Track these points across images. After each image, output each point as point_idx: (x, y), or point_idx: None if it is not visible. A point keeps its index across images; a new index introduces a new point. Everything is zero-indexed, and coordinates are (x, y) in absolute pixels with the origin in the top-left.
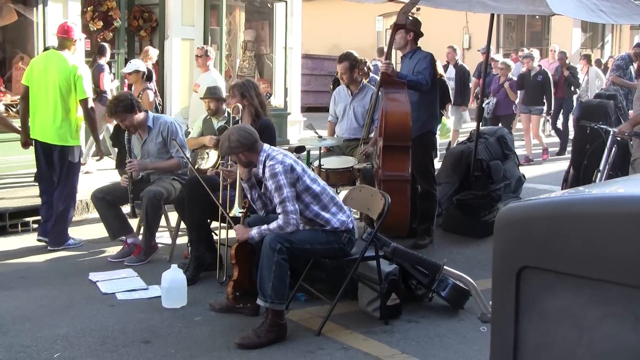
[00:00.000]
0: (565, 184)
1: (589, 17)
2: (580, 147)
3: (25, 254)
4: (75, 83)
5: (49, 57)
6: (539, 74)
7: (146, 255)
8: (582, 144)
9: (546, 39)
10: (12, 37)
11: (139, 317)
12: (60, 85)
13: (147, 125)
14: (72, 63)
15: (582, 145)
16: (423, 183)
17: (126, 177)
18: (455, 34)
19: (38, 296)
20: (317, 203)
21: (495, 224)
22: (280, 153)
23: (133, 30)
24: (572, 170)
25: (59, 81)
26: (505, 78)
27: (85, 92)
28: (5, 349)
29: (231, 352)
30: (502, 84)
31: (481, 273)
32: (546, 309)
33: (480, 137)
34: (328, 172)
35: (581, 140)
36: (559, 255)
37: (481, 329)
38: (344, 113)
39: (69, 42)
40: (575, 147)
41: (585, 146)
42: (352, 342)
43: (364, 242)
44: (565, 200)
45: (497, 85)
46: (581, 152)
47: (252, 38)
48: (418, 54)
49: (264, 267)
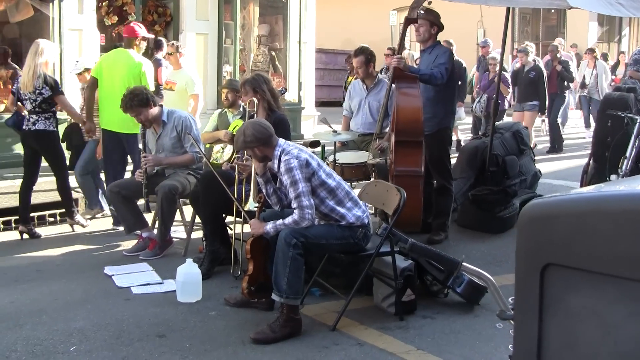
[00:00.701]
0: (586, 175)
1: (606, 11)
2: (602, 139)
3: (42, 247)
4: (140, 77)
5: (117, 54)
6: (532, 70)
7: (161, 250)
8: (604, 136)
9: (562, 33)
10: (28, 32)
11: (154, 311)
12: (127, 79)
13: (162, 120)
14: (137, 60)
15: (604, 138)
16: (439, 178)
17: (141, 171)
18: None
19: (54, 289)
20: (333, 198)
21: (518, 220)
22: (296, 148)
23: (148, 25)
24: (593, 162)
25: (126, 76)
26: (495, 73)
27: (149, 86)
28: (22, 342)
29: (246, 346)
30: (493, 79)
31: (497, 269)
32: (570, 307)
33: (495, 132)
34: (343, 166)
35: (602, 132)
36: (584, 252)
37: (497, 326)
38: (359, 107)
39: (134, 41)
40: (596, 139)
41: (607, 138)
42: (367, 337)
43: (379, 238)
44: (590, 197)
45: (488, 81)
46: (602, 144)
47: (266, 32)
48: (437, 49)
49: (279, 262)
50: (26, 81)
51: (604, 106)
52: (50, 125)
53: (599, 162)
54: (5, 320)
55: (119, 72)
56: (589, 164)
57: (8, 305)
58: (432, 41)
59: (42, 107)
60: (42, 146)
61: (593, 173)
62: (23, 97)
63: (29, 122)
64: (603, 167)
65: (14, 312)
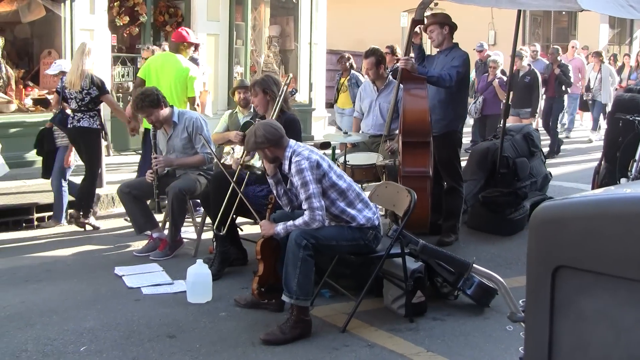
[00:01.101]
0: (597, 175)
1: (618, 13)
2: (613, 140)
3: (52, 248)
4: (187, 82)
5: (166, 58)
6: (527, 75)
7: (171, 250)
8: (615, 137)
9: (573, 35)
10: (40, 32)
11: (164, 311)
12: (174, 83)
13: (173, 121)
14: (185, 65)
15: (615, 139)
16: (449, 180)
17: (152, 172)
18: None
19: (64, 289)
20: (343, 199)
21: (529, 223)
22: (307, 149)
23: (159, 25)
24: (605, 163)
25: (173, 80)
26: (494, 76)
27: (194, 91)
28: (32, 342)
29: (256, 347)
30: (491, 81)
31: (507, 271)
32: (582, 309)
33: (506, 134)
34: (353, 168)
35: (613, 133)
36: (596, 255)
37: (507, 328)
38: (370, 109)
39: (183, 46)
40: (607, 140)
41: (618, 139)
42: (377, 339)
43: (389, 239)
44: (602, 199)
45: (485, 83)
46: (613, 145)
47: (277, 33)
48: (455, 52)
49: (289, 263)
50: (73, 80)
51: (615, 108)
52: (94, 123)
53: (610, 162)
54: (16, 320)
55: (166, 75)
56: (601, 164)
57: (18, 305)
58: (448, 43)
59: (88, 106)
60: (85, 142)
61: (605, 173)
62: (68, 96)
63: (73, 119)
64: (615, 168)
65: (24, 312)
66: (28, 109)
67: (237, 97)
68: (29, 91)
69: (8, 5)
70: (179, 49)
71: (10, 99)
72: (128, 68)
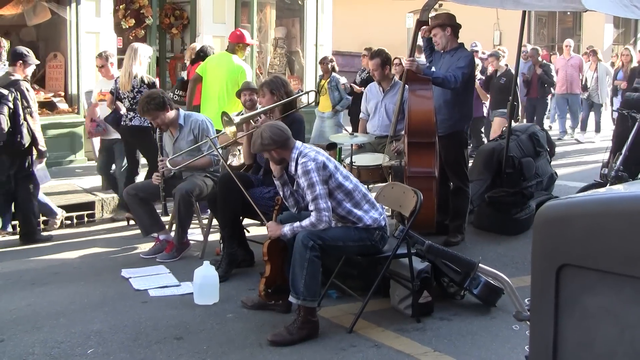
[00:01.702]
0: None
1: (622, 13)
2: (625, 138)
3: (59, 250)
4: (238, 80)
5: (221, 57)
6: (502, 76)
7: (178, 252)
8: (626, 136)
9: (577, 35)
10: (45, 35)
11: (171, 313)
12: (226, 81)
13: (179, 123)
14: (237, 63)
15: (626, 137)
16: (455, 180)
17: (158, 175)
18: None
19: (71, 292)
20: (350, 200)
21: (534, 221)
22: (313, 150)
23: (165, 27)
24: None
25: (225, 78)
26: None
27: None
28: (40, 344)
29: (263, 349)
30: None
31: (513, 271)
32: (587, 307)
33: (511, 134)
34: (359, 169)
35: (625, 131)
36: (600, 253)
37: (514, 327)
38: (376, 110)
39: (239, 47)
40: (617, 138)
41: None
42: (384, 339)
43: (396, 240)
44: (606, 198)
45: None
46: (623, 143)
47: (282, 35)
48: (460, 52)
49: (296, 264)
50: (124, 82)
51: (624, 106)
52: (145, 121)
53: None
54: (23, 323)
55: (220, 73)
56: (609, 161)
57: (25, 308)
58: (452, 43)
59: None
60: (137, 140)
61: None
62: (122, 96)
63: (126, 118)
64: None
65: (31, 315)
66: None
67: (242, 98)
68: (35, 94)
69: (13, 8)
70: (235, 49)
71: None
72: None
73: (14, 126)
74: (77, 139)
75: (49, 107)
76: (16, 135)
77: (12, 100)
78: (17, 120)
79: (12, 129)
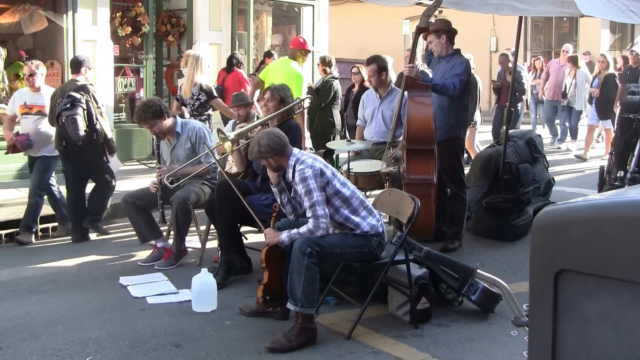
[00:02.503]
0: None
1: (619, 18)
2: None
3: (57, 258)
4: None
5: (281, 63)
6: None
7: (176, 259)
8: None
9: (574, 41)
10: (42, 43)
11: (169, 321)
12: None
13: (176, 131)
14: (293, 68)
15: (629, 139)
16: (452, 186)
17: (155, 183)
18: (483, 36)
19: (69, 300)
20: (347, 207)
21: (532, 226)
22: (310, 157)
23: (161, 35)
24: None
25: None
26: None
27: (300, 92)
28: (38, 352)
29: (261, 356)
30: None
31: (511, 277)
32: (585, 312)
33: (509, 140)
34: (357, 175)
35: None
36: (598, 258)
37: (512, 333)
38: (373, 116)
39: (300, 53)
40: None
41: (632, 139)
42: (382, 346)
43: (393, 246)
44: (604, 203)
45: None
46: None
47: (279, 42)
48: (456, 59)
49: (294, 271)
50: (185, 89)
51: (626, 110)
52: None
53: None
54: (21, 330)
55: (276, 79)
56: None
57: (23, 316)
58: (448, 50)
59: (198, 111)
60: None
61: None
62: (186, 102)
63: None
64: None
65: (29, 323)
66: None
67: (235, 112)
68: None
69: (10, 16)
70: (296, 55)
71: None
72: (130, 79)
73: (90, 126)
74: None
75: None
76: (92, 134)
77: (85, 102)
78: (92, 121)
79: (88, 129)
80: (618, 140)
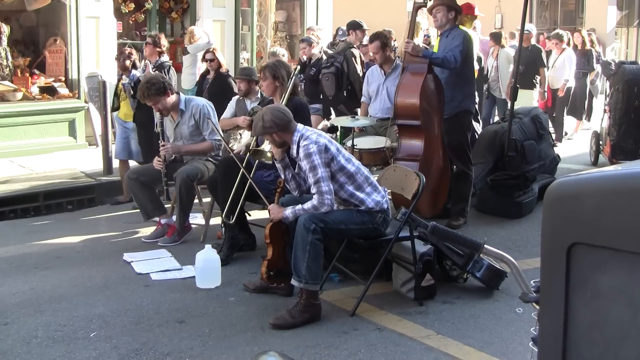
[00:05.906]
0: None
1: None
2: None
3: (61, 235)
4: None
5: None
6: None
7: (180, 236)
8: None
9: (580, 18)
10: (45, 20)
11: (173, 297)
12: None
13: (180, 108)
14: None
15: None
16: (458, 163)
17: (160, 159)
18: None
19: (74, 276)
20: (352, 183)
21: (544, 199)
22: (315, 133)
23: (164, 12)
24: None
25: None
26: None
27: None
28: (43, 328)
29: (265, 332)
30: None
31: (516, 254)
32: (598, 286)
33: (514, 117)
34: (361, 152)
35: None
36: (612, 231)
37: (517, 310)
38: (377, 93)
39: (467, 18)
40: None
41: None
42: (386, 322)
43: (398, 223)
44: (619, 174)
45: None
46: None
47: (283, 19)
48: (454, 32)
49: (298, 247)
50: None
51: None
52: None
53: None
54: (26, 306)
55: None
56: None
57: (28, 292)
58: (450, 25)
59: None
60: None
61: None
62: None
63: None
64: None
65: (34, 299)
66: (34, 97)
67: (237, 86)
68: (35, 79)
69: None
70: (463, 20)
71: (16, 87)
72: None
73: None
74: (78, 123)
75: (49, 92)
76: None
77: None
78: None
79: None
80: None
